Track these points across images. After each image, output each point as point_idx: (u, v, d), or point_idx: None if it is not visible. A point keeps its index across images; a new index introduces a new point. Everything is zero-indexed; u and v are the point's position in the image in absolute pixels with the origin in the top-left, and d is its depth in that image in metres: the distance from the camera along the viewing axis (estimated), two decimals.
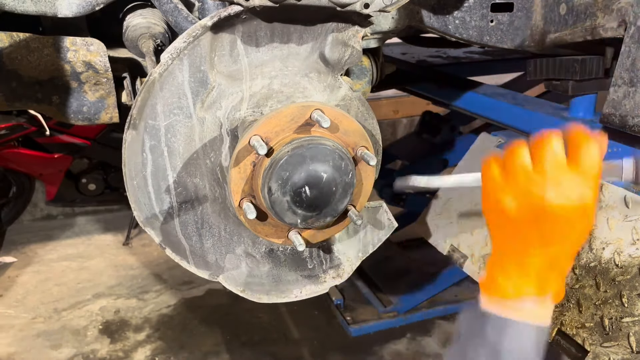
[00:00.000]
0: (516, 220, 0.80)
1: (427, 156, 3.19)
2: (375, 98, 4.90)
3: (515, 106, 1.76)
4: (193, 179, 1.08)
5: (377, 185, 3.13)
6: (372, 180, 1.11)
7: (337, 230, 1.15)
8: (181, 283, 3.48)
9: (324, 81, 1.12)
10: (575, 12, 1.37)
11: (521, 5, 1.49)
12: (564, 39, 1.41)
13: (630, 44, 1.20)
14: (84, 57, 1.15)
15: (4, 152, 3.34)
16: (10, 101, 1.14)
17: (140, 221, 1.08)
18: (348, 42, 1.08)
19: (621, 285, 1.23)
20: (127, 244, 3.96)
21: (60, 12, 1.13)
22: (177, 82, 1.00)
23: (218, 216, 1.14)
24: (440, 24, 1.48)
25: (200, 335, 3.02)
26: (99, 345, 2.95)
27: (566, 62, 1.48)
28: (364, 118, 1.18)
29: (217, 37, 1.00)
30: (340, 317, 3.08)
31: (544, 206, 0.76)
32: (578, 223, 0.78)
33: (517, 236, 0.81)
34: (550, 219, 0.77)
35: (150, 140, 1.02)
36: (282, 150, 0.96)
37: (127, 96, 1.22)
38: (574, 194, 0.76)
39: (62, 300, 3.33)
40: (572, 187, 0.76)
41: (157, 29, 1.21)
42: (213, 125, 1.05)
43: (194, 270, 1.16)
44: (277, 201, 0.97)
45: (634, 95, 1.20)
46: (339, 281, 1.29)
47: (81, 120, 1.20)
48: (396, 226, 1.29)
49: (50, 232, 4.18)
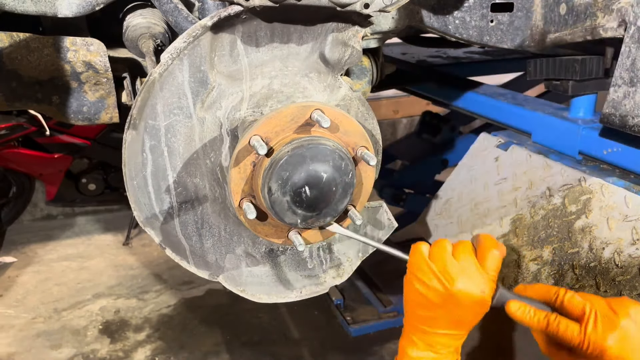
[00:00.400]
0: (429, 301, 0.95)
1: (427, 156, 3.19)
2: (375, 98, 4.90)
3: (515, 106, 1.77)
4: (193, 179, 1.08)
5: (377, 185, 3.13)
6: (372, 180, 1.11)
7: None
8: (181, 283, 3.48)
9: (324, 81, 1.12)
10: (575, 12, 1.37)
11: (521, 5, 1.49)
12: (564, 39, 1.41)
13: (630, 44, 1.20)
14: (84, 57, 1.15)
15: (4, 152, 3.34)
16: (10, 101, 1.14)
17: (140, 221, 1.08)
18: (348, 42, 1.08)
19: (621, 285, 1.23)
20: (127, 244, 3.96)
21: (60, 12, 1.13)
22: (177, 82, 1.00)
23: (218, 216, 1.14)
24: (440, 24, 1.48)
25: (200, 335, 3.02)
26: (99, 345, 2.95)
27: (566, 62, 1.48)
28: (364, 118, 1.18)
29: (217, 37, 1.00)
30: (340, 317, 3.08)
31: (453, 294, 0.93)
32: (475, 311, 0.95)
33: (428, 315, 0.97)
34: (456, 304, 0.94)
35: (150, 140, 1.02)
36: (282, 150, 0.96)
37: (127, 96, 1.22)
38: (478, 288, 0.93)
39: (62, 300, 3.33)
40: (477, 282, 0.94)
41: (157, 29, 1.21)
42: (213, 125, 1.05)
43: (194, 270, 1.16)
44: (277, 201, 0.97)
45: (634, 95, 1.20)
46: (339, 281, 1.29)
47: (81, 120, 1.20)
48: (396, 226, 1.29)
49: (50, 232, 4.18)
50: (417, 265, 0.97)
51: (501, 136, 1.76)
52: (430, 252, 0.98)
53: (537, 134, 1.66)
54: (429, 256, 0.97)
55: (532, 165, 1.56)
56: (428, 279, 0.95)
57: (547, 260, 1.40)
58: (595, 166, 1.47)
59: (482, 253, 0.96)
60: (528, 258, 1.46)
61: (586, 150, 1.49)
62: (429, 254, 0.98)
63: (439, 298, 0.94)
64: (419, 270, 0.97)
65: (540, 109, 1.68)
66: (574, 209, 1.39)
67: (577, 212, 1.38)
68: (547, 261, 1.40)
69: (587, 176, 1.39)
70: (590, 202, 1.36)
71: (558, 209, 1.43)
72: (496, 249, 0.96)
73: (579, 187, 1.40)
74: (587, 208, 1.36)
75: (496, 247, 0.97)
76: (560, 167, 1.47)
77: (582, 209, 1.37)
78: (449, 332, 0.98)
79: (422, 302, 0.97)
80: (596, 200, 1.35)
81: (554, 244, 1.41)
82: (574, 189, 1.41)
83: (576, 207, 1.39)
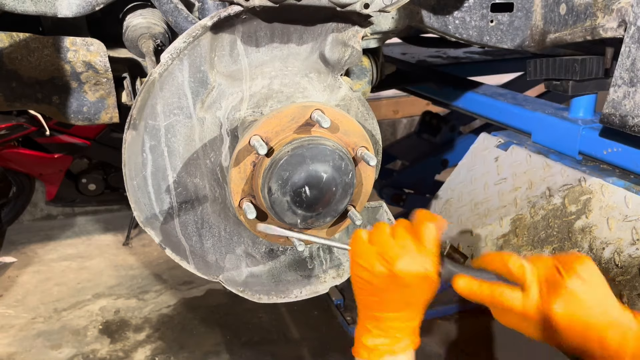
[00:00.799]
0: (374, 285, 0.93)
1: (427, 156, 3.19)
2: (375, 98, 4.90)
3: (515, 106, 1.77)
4: (193, 179, 1.08)
5: (377, 185, 3.13)
6: (372, 180, 1.11)
7: (337, 230, 1.15)
8: (181, 283, 3.48)
9: (324, 81, 1.12)
10: (575, 12, 1.37)
11: (521, 5, 1.49)
12: (564, 39, 1.41)
13: (630, 44, 1.20)
14: (84, 57, 1.15)
15: (4, 152, 3.34)
16: (10, 101, 1.14)
17: (140, 221, 1.08)
18: (348, 42, 1.08)
19: (621, 285, 1.23)
20: (127, 244, 3.95)
21: (60, 12, 1.13)
22: (177, 82, 1.00)
23: (218, 216, 1.14)
24: (440, 24, 1.48)
25: (200, 335, 3.02)
26: (99, 345, 2.94)
27: (566, 62, 1.48)
28: (364, 118, 1.18)
29: (217, 37, 1.00)
30: (340, 317, 3.07)
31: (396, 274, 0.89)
32: (422, 288, 0.92)
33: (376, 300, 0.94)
34: (402, 285, 0.90)
35: (150, 140, 1.02)
36: (282, 150, 0.96)
37: (127, 96, 1.22)
38: (419, 265, 0.89)
39: (62, 300, 3.33)
40: (417, 259, 0.90)
41: (157, 29, 1.21)
42: (213, 126, 1.05)
43: (193, 270, 1.16)
44: (277, 201, 0.97)
45: (634, 95, 1.20)
46: (339, 281, 1.29)
47: (81, 120, 1.20)
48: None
49: (50, 232, 4.18)
50: (357, 251, 0.95)
51: (501, 136, 1.76)
52: (369, 236, 0.95)
53: (537, 134, 1.66)
54: (368, 240, 0.94)
55: (532, 165, 1.56)
56: (369, 264, 0.92)
57: None
58: (595, 166, 1.47)
59: (417, 227, 0.92)
60: None
61: (586, 150, 1.49)
62: (368, 238, 0.95)
63: (383, 281, 0.91)
64: (359, 256, 0.94)
65: (540, 109, 1.68)
66: (574, 209, 1.39)
67: (577, 212, 1.38)
68: None
69: (587, 176, 1.39)
70: (590, 202, 1.36)
71: (558, 209, 1.43)
72: (430, 221, 0.92)
73: (579, 187, 1.40)
74: (587, 208, 1.36)
75: (430, 219, 0.92)
76: (560, 167, 1.47)
77: (582, 209, 1.37)
78: (400, 315, 0.95)
79: (367, 287, 0.94)
80: (596, 201, 1.35)
81: (554, 244, 1.41)
82: (574, 189, 1.41)
83: (576, 207, 1.39)
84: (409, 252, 0.90)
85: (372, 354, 0.97)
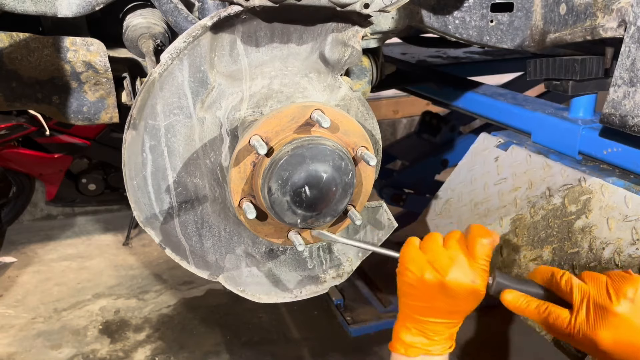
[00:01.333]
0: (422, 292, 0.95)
1: (427, 156, 3.19)
2: (375, 98, 4.90)
3: (515, 106, 1.77)
4: (193, 179, 1.08)
5: (377, 185, 3.13)
6: (372, 180, 1.11)
7: (337, 230, 1.15)
8: (181, 283, 3.48)
9: (324, 81, 1.12)
10: (575, 12, 1.37)
11: (521, 5, 1.49)
12: (564, 39, 1.41)
13: (630, 44, 1.20)
14: (84, 57, 1.15)
15: (4, 152, 3.34)
16: (10, 101, 1.14)
17: (140, 221, 1.08)
18: (348, 42, 1.08)
19: None
20: (127, 244, 3.96)
21: (60, 12, 1.13)
22: (177, 82, 1.00)
23: (218, 216, 1.14)
24: (440, 24, 1.48)
25: (200, 335, 3.02)
26: (99, 345, 2.94)
27: (566, 62, 1.48)
28: (364, 118, 1.18)
29: (217, 37, 1.00)
30: (340, 317, 3.08)
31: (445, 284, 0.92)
32: (468, 300, 0.94)
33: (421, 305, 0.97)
34: (448, 295, 0.93)
35: (150, 140, 1.02)
36: (282, 150, 0.96)
37: (127, 96, 1.22)
38: (468, 277, 0.92)
39: (62, 300, 3.33)
40: (466, 272, 0.92)
41: (157, 29, 1.21)
42: (213, 125, 1.05)
43: (194, 270, 1.16)
44: (277, 201, 0.97)
45: (634, 95, 1.20)
46: (339, 281, 1.29)
47: (81, 120, 1.20)
48: (396, 226, 1.29)
49: (50, 232, 4.18)
50: (409, 257, 0.97)
51: (501, 136, 1.76)
52: (421, 244, 0.98)
53: (537, 134, 1.66)
54: (420, 247, 0.97)
55: (532, 165, 1.56)
56: (419, 270, 0.94)
57: (547, 260, 1.40)
58: (595, 166, 1.47)
59: (471, 242, 0.94)
60: (528, 258, 1.46)
61: (586, 150, 1.49)
62: (420, 245, 0.98)
63: (431, 289, 0.94)
64: (410, 262, 0.96)
65: (540, 109, 1.68)
66: (574, 209, 1.39)
67: (577, 212, 1.38)
68: (547, 261, 1.40)
69: (587, 176, 1.39)
70: (590, 202, 1.36)
71: (558, 209, 1.43)
72: (485, 237, 0.93)
73: (579, 187, 1.40)
74: (587, 208, 1.36)
75: (485, 235, 0.94)
76: (560, 167, 1.47)
77: (582, 209, 1.37)
78: (442, 321, 0.97)
79: (414, 293, 0.96)
80: (596, 200, 1.35)
81: (554, 244, 1.41)
82: (574, 189, 1.41)
83: (576, 207, 1.39)
84: (459, 265, 0.92)
85: (409, 350, 0.99)
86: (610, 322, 0.79)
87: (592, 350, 0.82)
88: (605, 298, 0.80)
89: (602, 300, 0.80)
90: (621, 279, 0.81)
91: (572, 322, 0.83)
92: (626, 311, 0.78)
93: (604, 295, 0.81)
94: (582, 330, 0.81)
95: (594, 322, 0.80)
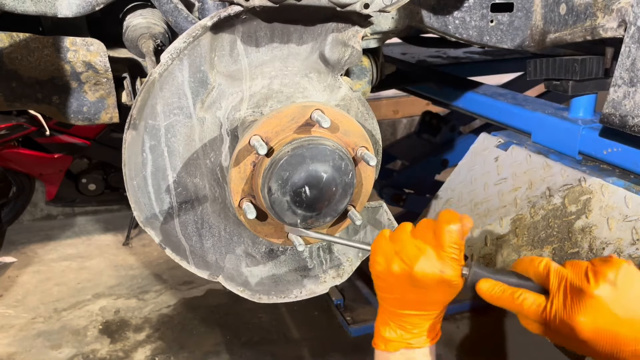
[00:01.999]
0: (392, 284, 0.92)
1: (427, 156, 3.19)
2: (375, 98, 4.90)
3: (515, 106, 1.77)
4: (193, 179, 1.08)
5: (377, 185, 3.13)
6: (372, 180, 1.11)
7: (336, 230, 1.15)
8: (181, 283, 3.48)
9: (324, 81, 1.12)
10: (575, 12, 1.37)
11: (521, 5, 1.49)
12: (564, 39, 1.41)
13: (630, 44, 1.20)
14: (84, 57, 1.15)
15: (4, 152, 3.34)
16: (10, 101, 1.14)
17: (140, 221, 1.08)
18: (348, 42, 1.08)
19: None
20: (127, 244, 3.96)
21: (60, 12, 1.13)
22: (177, 82, 1.00)
23: (218, 216, 1.14)
24: (440, 24, 1.48)
25: (200, 335, 3.02)
26: (99, 345, 2.94)
27: (566, 62, 1.48)
28: (364, 118, 1.18)
29: (217, 38, 1.00)
30: (340, 317, 3.08)
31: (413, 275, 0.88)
32: (441, 290, 0.90)
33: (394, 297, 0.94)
34: (419, 286, 0.89)
35: (150, 140, 1.02)
36: (282, 150, 0.96)
37: (127, 96, 1.22)
38: (435, 268, 0.87)
39: (62, 300, 3.33)
40: (433, 262, 0.87)
41: (157, 29, 1.21)
42: (213, 126, 1.05)
43: (194, 270, 1.16)
44: (277, 201, 0.97)
45: (634, 95, 1.20)
46: (339, 281, 1.29)
47: (81, 120, 1.20)
48: (396, 226, 1.29)
49: (50, 232, 4.18)
50: (377, 248, 0.94)
51: (501, 136, 1.76)
52: (391, 234, 0.94)
53: (537, 134, 1.66)
54: (389, 238, 0.93)
55: (532, 165, 1.56)
56: (386, 262, 0.91)
57: None
58: (595, 166, 1.47)
59: (439, 230, 0.88)
60: None
61: (586, 150, 1.49)
62: (390, 236, 0.94)
63: (400, 280, 0.90)
64: (378, 253, 0.93)
65: (540, 109, 1.68)
66: (574, 209, 1.39)
67: (577, 212, 1.38)
68: None
69: (587, 176, 1.39)
70: (590, 202, 1.36)
71: (558, 209, 1.43)
72: (452, 223, 0.87)
73: (579, 187, 1.40)
74: (587, 208, 1.36)
75: (452, 221, 0.87)
76: (560, 167, 1.47)
77: (582, 209, 1.37)
78: (418, 313, 0.94)
79: (384, 286, 0.94)
80: (596, 201, 1.35)
81: (554, 244, 1.41)
82: (574, 189, 1.41)
83: (576, 207, 1.39)
84: (426, 255, 0.87)
85: (389, 345, 0.97)
86: (589, 307, 0.72)
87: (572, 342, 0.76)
88: (583, 281, 0.74)
89: (579, 282, 0.74)
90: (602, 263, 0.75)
91: (547, 307, 0.77)
92: (606, 295, 0.71)
93: (583, 279, 0.74)
94: (558, 316, 0.75)
95: (570, 307, 0.74)
